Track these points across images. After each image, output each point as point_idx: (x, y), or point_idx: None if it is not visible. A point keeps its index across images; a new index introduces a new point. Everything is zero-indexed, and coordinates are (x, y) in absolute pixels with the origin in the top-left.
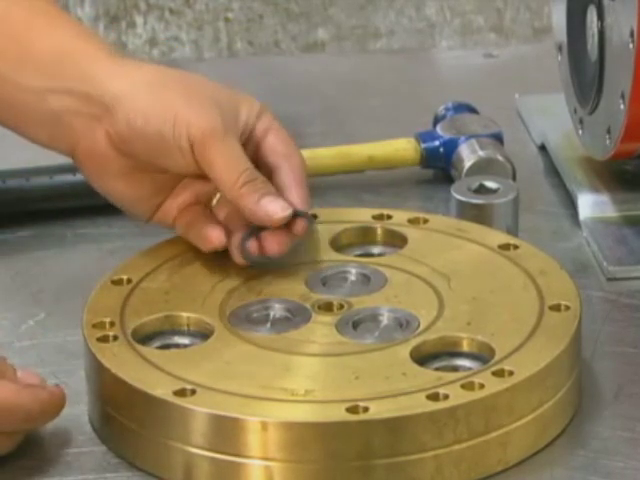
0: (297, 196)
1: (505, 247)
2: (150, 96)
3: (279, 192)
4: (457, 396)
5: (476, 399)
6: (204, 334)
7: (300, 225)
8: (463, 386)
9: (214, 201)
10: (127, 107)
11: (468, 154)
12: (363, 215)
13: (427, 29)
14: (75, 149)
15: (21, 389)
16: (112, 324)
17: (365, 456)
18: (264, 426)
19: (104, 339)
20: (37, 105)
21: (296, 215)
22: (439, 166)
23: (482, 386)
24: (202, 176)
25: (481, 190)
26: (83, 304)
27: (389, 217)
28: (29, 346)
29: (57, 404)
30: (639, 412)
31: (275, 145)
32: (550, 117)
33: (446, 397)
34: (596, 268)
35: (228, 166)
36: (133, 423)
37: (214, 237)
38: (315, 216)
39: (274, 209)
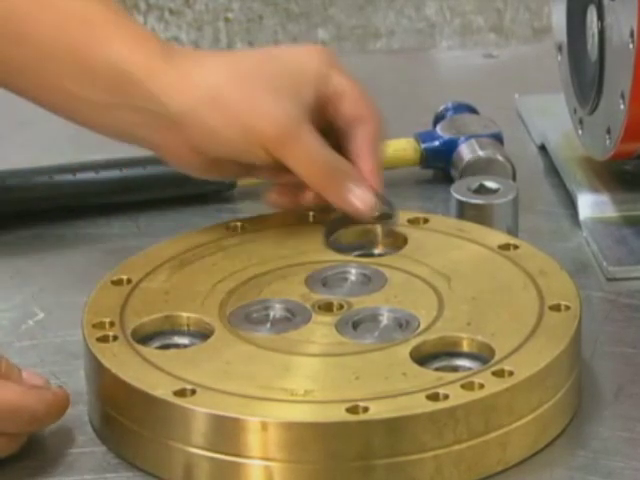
0: (366, 170)
1: (505, 247)
2: (213, 112)
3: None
4: (457, 396)
5: (476, 399)
6: (204, 334)
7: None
8: (463, 386)
9: None
10: (193, 125)
11: (468, 154)
12: None
13: (427, 29)
14: (155, 150)
15: (26, 390)
16: (112, 324)
17: (365, 456)
18: (264, 426)
19: (104, 339)
20: (104, 119)
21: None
22: (439, 166)
23: (482, 386)
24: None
25: (481, 190)
26: (83, 304)
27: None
28: (29, 346)
29: (61, 405)
30: (639, 412)
31: (348, 109)
32: (550, 117)
33: (446, 397)
34: (596, 268)
35: (307, 163)
36: (133, 423)
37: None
38: (315, 216)
39: (359, 206)
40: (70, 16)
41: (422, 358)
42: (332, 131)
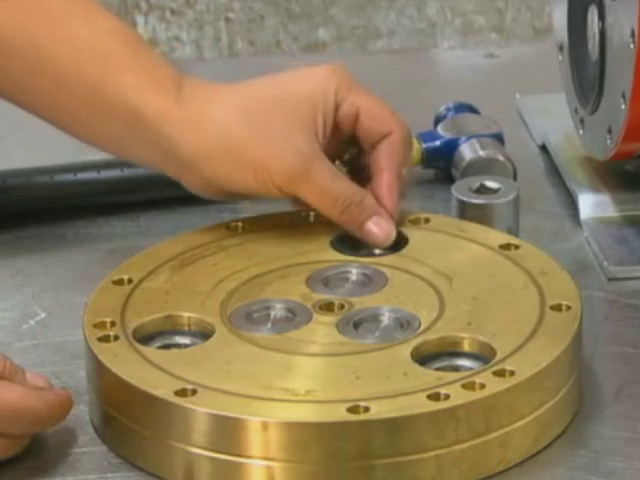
0: (383, 184)
1: (506, 247)
2: (224, 155)
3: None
4: (458, 396)
5: (477, 399)
6: (205, 334)
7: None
8: (464, 386)
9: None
10: (207, 168)
11: (469, 154)
12: None
13: (428, 29)
14: (172, 177)
15: (29, 392)
16: (113, 324)
17: (366, 456)
18: (265, 426)
19: (105, 339)
20: (122, 150)
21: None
22: (440, 166)
23: (483, 386)
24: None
25: (482, 190)
26: (84, 304)
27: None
28: (30, 346)
29: (65, 406)
30: (639, 412)
31: (366, 127)
32: (551, 117)
33: (447, 397)
34: (597, 268)
35: (320, 198)
36: (134, 423)
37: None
38: (316, 216)
39: (377, 236)
40: (87, 50)
41: (423, 358)
42: (362, 150)
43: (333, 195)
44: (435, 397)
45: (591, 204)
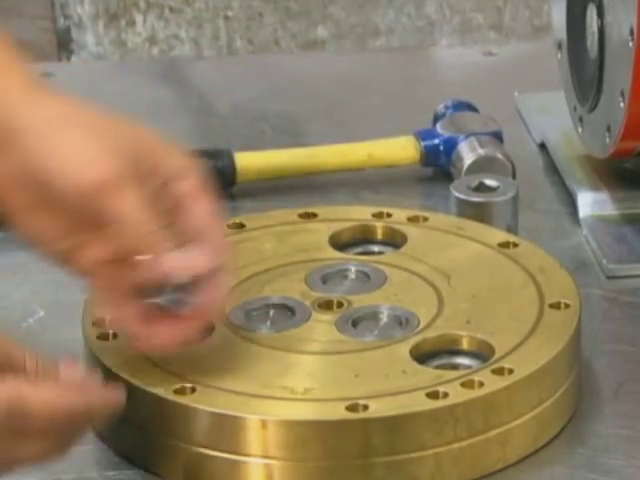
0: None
1: (505, 245)
2: (59, 134)
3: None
4: (457, 394)
5: (476, 397)
6: (204, 332)
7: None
8: (463, 384)
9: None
10: (33, 142)
11: (468, 152)
12: (363, 213)
13: (427, 27)
14: None
15: (64, 392)
16: None
17: (365, 454)
18: (264, 424)
19: (104, 337)
20: None
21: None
22: (439, 164)
23: (482, 384)
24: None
25: (481, 188)
26: (83, 302)
27: (389, 215)
28: (29, 344)
29: (107, 403)
30: (638, 410)
31: (194, 218)
32: (550, 115)
33: (446, 395)
34: (596, 266)
35: (132, 212)
36: (133, 421)
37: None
38: (315, 214)
39: (171, 268)
40: None
41: (422, 356)
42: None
43: (145, 216)
44: (434, 395)
45: (590, 202)
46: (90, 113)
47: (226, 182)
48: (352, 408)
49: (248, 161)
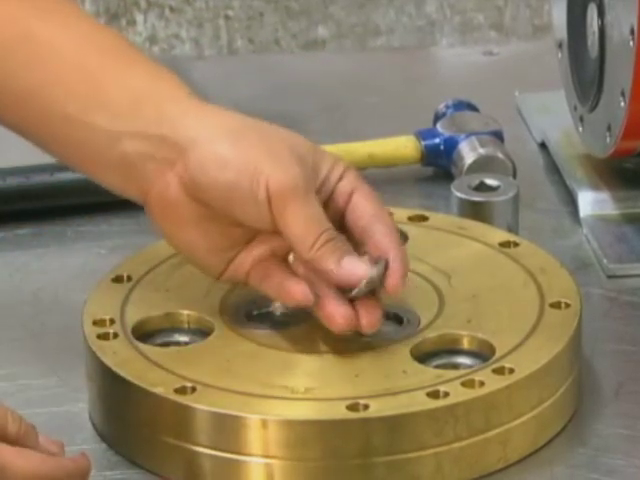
0: (397, 262)
1: (505, 245)
2: (229, 143)
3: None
4: (457, 394)
5: (476, 397)
6: (204, 332)
7: (392, 281)
8: (463, 384)
9: (291, 257)
10: (203, 152)
11: (468, 152)
12: None
13: (427, 27)
14: (147, 195)
15: (46, 459)
16: (112, 321)
17: (365, 454)
18: (264, 424)
19: (104, 337)
20: (109, 149)
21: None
22: (439, 164)
23: (482, 384)
24: (278, 232)
25: (481, 188)
26: (83, 302)
27: (389, 214)
28: (29, 344)
29: (83, 474)
30: (639, 410)
31: (363, 206)
32: (550, 115)
33: (446, 395)
34: (596, 266)
35: (307, 225)
36: (133, 421)
37: (298, 292)
38: None
39: (349, 278)
40: (93, 43)
41: (422, 356)
42: (345, 231)
43: (322, 225)
44: (434, 395)
45: (590, 202)
46: (248, 121)
47: None
48: (353, 408)
49: None
